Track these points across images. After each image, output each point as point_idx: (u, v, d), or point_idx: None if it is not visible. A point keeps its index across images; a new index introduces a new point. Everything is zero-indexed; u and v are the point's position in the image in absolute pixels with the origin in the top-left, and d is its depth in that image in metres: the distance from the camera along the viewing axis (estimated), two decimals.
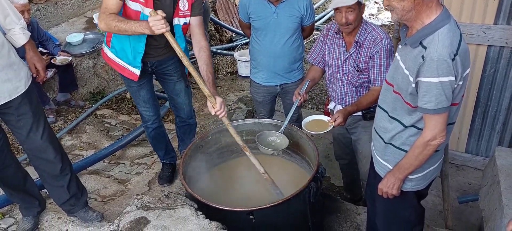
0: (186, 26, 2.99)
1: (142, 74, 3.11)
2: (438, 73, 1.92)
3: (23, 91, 2.63)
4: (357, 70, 3.01)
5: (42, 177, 2.93)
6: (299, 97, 3.03)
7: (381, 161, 2.38)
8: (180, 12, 2.91)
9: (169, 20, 2.84)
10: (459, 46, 1.94)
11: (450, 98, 1.99)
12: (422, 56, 1.95)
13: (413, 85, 2.04)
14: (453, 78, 1.94)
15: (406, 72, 2.07)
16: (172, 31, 2.78)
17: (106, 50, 3.16)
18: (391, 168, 2.32)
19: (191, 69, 2.58)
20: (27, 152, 2.82)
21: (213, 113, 2.70)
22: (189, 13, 2.94)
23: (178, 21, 2.94)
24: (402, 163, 2.23)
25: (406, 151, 2.23)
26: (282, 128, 3.07)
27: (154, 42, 2.98)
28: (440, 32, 1.94)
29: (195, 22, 2.97)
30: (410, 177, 2.28)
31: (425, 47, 1.95)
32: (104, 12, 2.75)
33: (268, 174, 2.93)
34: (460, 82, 2.00)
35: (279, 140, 3.09)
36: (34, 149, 2.76)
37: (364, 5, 2.95)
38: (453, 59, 1.91)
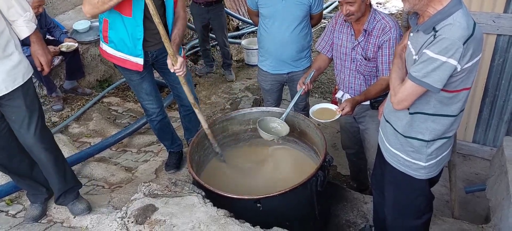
0: (176, 0, 3.06)
1: (143, 66, 3.11)
2: (439, 51, 1.90)
3: (21, 84, 2.61)
4: (365, 59, 2.99)
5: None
6: (303, 87, 3.02)
7: (392, 149, 2.37)
8: None
9: None
10: (474, 31, 1.91)
11: (442, 82, 1.96)
12: (433, 35, 1.93)
13: (416, 58, 2.03)
14: (456, 64, 1.91)
15: (414, 55, 2.06)
16: (164, 5, 3.02)
17: (105, 47, 3.14)
18: (403, 156, 2.32)
19: (160, 28, 2.75)
20: (24, 146, 2.78)
21: (172, 70, 2.93)
22: None
23: None
24: (395, 62, 2.28)
25: (418, 139, 2.22)
26: (283, 115, 3.08)
27: (151, 25, 2.96)
28: (454, 16, 1.91)
29: None
30: (423, 164, 2.27)
31: (437, 30, 1.93)
32: None
33: (210, 130, 3.18)
34: (468, 65, 1.96)
35: (280, 126, 3.10)
36: (26, 145, 2.74)
37: None
38: (464, 43, 1.88)
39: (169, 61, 2.89)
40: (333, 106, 3.02)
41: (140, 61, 3.06)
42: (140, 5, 2.86)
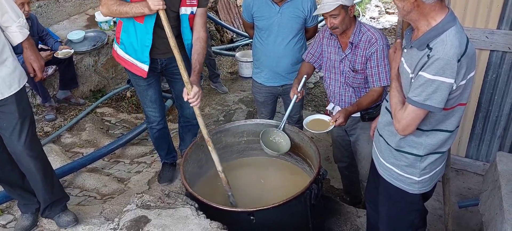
0: (192, 16, 3.00)
1: (151, 73, 3.11)
2: (436, 72, 1.91)
3: (17, 90, 2.60)
4: (353, 71, 3.02)
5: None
6: (297, 94, 3.02)
7: (386, 163, 2.37)
8: (187, 1, 2.93)
9: (176, 10, 2.93)
10: (466, 48, 1.93)
11: (443, 102, 1.97)
12: (428, 55, 1.94)
13: (413, 81, 2.04)
14: (453, 81, 1.93)
15: (410, 75, 2.07)
16: (179, 20, 2.97)
17: (116, 47, 3.17)
18: (396, 171, 2.32)
19: (175, 52, 2.70)
20: (12, 155, 2.74)
21: (185, 99, 2.78)
22: (195, 3, 2.96)
23: (185, 10, 2.96)
24: (393, 84, 2.24)
25: (411, 154, 2.23)
26: (281, 125, 3.10)
27: (163, 34, 2.95)
28: (447, 33, 1.93)
29: (198, 12, 3.01)
30: (416, 179, 2.28)
31: (431, 48, 1.95)
32: None
33: (224, 174, 2.98)
34: (463, 82, 1.98)
35: (282, 139, 3.11)
36: (15, 153, 2.70)
37: (352, 6, 2.94)
38: (458, 61, 1.90)
39: (184, 89, 2.78)
40: (326, 118, 3.04)
41: (145, 67, 3.05)
42: (153, 14, 2.84)
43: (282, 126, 3.10)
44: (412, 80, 2.04)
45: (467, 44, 1.95)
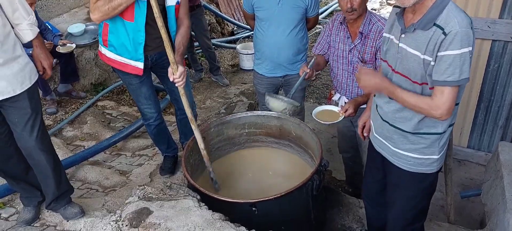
0: (178, 7, 3.02)
1: (143, 70, 3.10)
2: (461, 45, 1.92)
3: (28, 86, 2.60)
4: (362, 61, 3.00)
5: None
6: (307, 70, 2.94)
7: (401, 151, 2.32)
8: None
9: (162, 3, 2.94)
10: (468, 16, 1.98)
11: (469, 70, 1.98)
12: (443, 33, 1.94)
13: (433, 63, 2.01)
14: (472, 49, 1.95)
15: (422, 56, 2.03)
16: (164, 13, 2.97)
17: (104, 50, 3.14)
18: (414, 155, 2.28)
19: (162, 31, 2.70)
20: (22, 150, 2.74)
21: (171, 79, 2.83)
22: None
23: (171, 1, 2.97)
24: (398, 91, 2.14)
25: (432, 133, 2.21)
26: (290, 93, 3.05)
27: (152, 30, 2.96)
28: (449, 8, 1.96)
29: (181, 2, 3.04)
30: (436, 157, 2.26)
31: (440, 26, 1.95)
32: (94, 2, 2.82)
33: (206, 152, 3.02)
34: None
35: (289, 102, 3.08)
36: (26, 148, 2.71)
37: None
38: (471, 28, 1.93)
39: (169, 70, 2.82)
40: (335, 108, 3.02)
41: (140, 65, 3.05)
42: (142, 10, 2.87)
43: (291, 95, 3.06)
44: (432, 62, 2.01)
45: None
